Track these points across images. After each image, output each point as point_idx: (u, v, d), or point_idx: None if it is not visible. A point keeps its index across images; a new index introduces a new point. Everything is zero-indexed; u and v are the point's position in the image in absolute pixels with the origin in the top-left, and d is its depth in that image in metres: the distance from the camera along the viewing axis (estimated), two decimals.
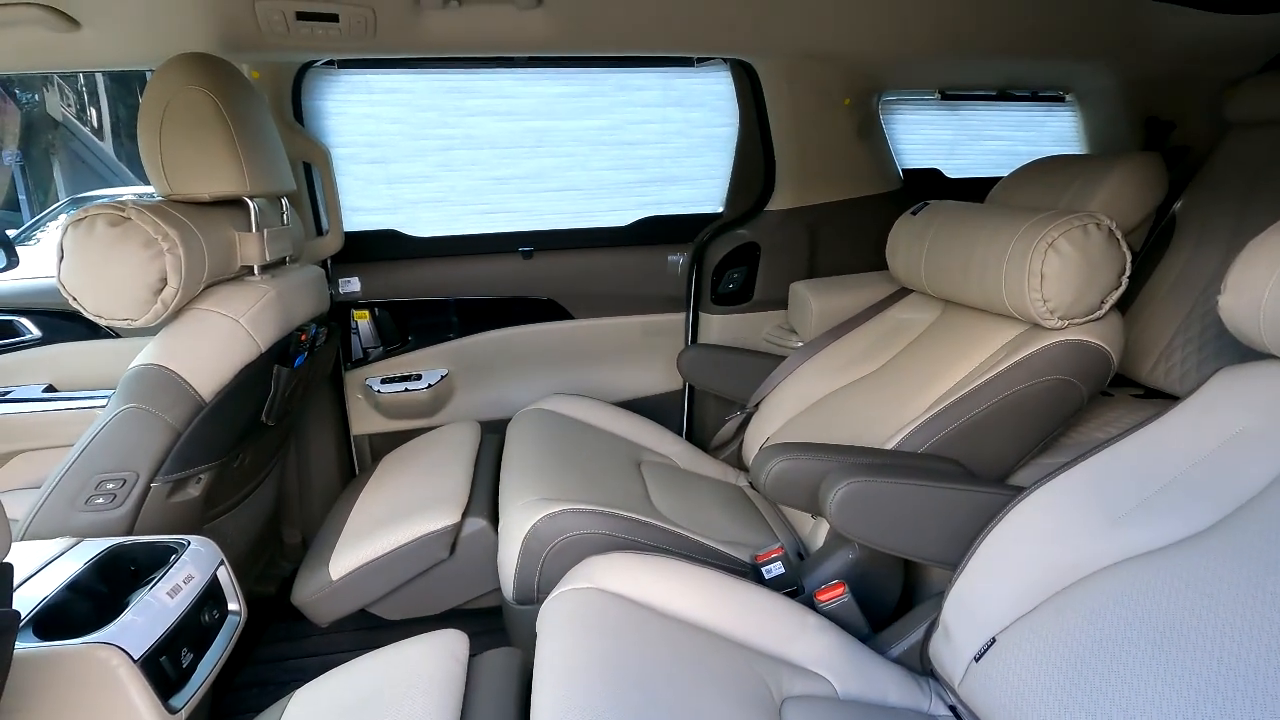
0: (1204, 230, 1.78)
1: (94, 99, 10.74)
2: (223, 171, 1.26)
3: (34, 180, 10.06)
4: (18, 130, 8.72)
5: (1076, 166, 1.45)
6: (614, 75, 1.87)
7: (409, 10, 1.43)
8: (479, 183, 1.92)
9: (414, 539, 1.29)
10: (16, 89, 8.84)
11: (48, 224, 5.76)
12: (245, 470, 1.45)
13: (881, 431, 1.44)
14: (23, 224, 7.57)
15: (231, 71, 1.32)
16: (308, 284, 1.51)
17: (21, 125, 9.38)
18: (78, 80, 9.96)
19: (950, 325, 1.57)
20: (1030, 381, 1.26)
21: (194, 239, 1.20)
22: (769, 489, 1.21)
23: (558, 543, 1.19)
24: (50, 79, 8.28)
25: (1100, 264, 1.24)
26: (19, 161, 9.67)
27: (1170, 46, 1.76)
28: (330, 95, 1.77)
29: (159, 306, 1.17)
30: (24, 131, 9.48)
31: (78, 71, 6.03)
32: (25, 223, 7.52)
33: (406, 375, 1.97)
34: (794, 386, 1.76)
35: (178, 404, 1.19)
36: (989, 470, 1.31)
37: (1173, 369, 1.74)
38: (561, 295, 2.02)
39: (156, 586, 1.03)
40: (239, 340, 1.25)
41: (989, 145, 2.21)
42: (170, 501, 1.25)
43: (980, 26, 1.64)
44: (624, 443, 1.76)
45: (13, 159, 9.41)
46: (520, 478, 1.39)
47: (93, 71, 6.83)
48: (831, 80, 1.88)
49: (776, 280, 2.01)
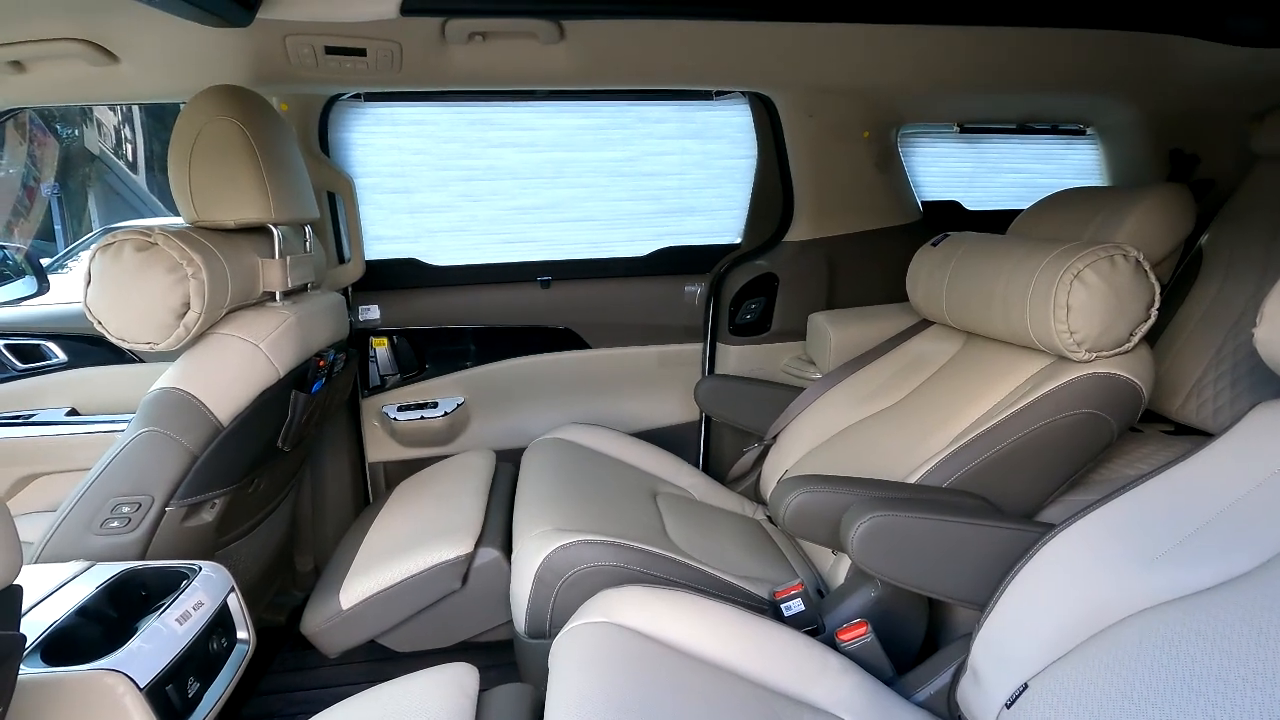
0: (1232, 263, 1.75)
1: (130, 134, 11.13)
2: (248, 199, 1.28)
3: (70, 211, 10.39)
4: (55, 163, 9.04)
5: (1101, 199, 1.44)
6: (634, 108, 1.90)
7: (434, 45, 1.46)
8: (499, 212, 1.95)
9: (426, 569, 1.27)
10: (58, 124, 9.19)
11: (80, 253, 5.93)
12: (260, 496, 1.45)
13: (903, 466, 1.41)
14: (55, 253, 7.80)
15: (261, 103, 1.35)
16: (328, 310, 1.52)
17: (60, 159, 9.73)
18: (116, 114, 10.34)
19: (973, 357, 1.54)
20: (1058, 415, 1.23)
21: (218, 264, 1.22)
22: (789, 523, 1.18)
23: (571, 575, 1.16)
24: (89, 114, 8.60)
25: (1128, 295, 1.22)
26: (55, 193, 10.00)
27: (1191, 80, 1.76)
28: (356, 127, 1.81)
29: (181, 330, 1.18)
30: (61, 164, 9.83)
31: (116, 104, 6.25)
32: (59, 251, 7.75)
33: (423, 403, 1.97)
34: (812, 418, 1.73)
35: (195, 428, 1.19)
36: (1016, 506, 1.27)
37: (1204, 405, 1.69)
38: (579, 325, 2.02)
39: (166, 613, 1.01)
40: (258, 365, 1.26)
41: (1009, 178, 2.21)
42: (184, 526, 1.24)
43: (999, 62, 1.65)
44: (640, 474, 1.74)
45: (50, 191, 9.73)
46: (534, 508, 1.37)
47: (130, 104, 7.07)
48: (850, 113, 1.89)
49: (795, 311, 2.00)
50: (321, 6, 1.24)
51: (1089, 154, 2.20)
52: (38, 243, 10.14)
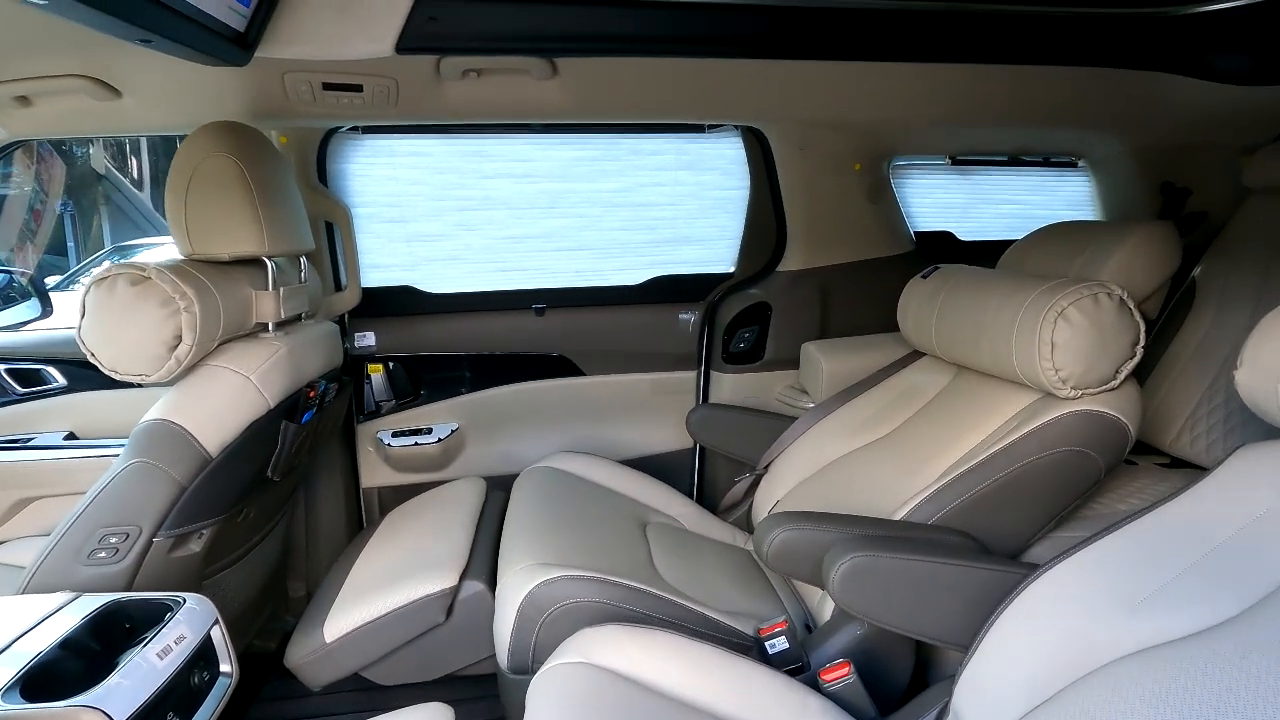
0: (1225, 297, 1.75)
1: (135, 153, 11.35)
2: (243, 233, 1.30)
3: (83, 228, 10.55)
4: (62, 183, 9.19)
5: (1087, 234, 1.45)
6: (627, 140, 1.93)
7: (429, 82, 1.49)
8: (494, 242, 1.97)
9: (410, 602, 1.27)
10: (64, 144, 9.35)
11: (90, 270, 6.00)
12: (249, 525, 1.46)
13: (892, 499, 1.40)
14: (69, 269, 7.90)
15: (258, 139, 1.38)
16: (321, 340, 1.53)
17: (73, 177, 9.90)
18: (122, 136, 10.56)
19: (963, 391, 1.54)
20: (1043, 453, 1.22)
21: (210, 297, 1.24)
22: (771, 560, 1.18)
23: (553, 611, 1.16)
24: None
25: (1112, 334, 1.22)
26: (69, 211, 10.17)
27: (1180, 116, 1.77)
28: (354, 159, 1.84)
29: (172, 363, 1.20)
30: (75, 183, 10.00)
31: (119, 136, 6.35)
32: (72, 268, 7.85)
33: (417, 429, 1.98)
34: (804, 449, 1.73)
35: (184, 459, 1.20)
36: (1002, 544, 1.26)
37: (1198, 439, 1.68)
38: (573, 352, 2.03)
39: (148, 647, 1.02)
40: (248, 396, 1.27)
41: (1002, 208, 2.22)
42: (171, 556, 1.25)
43: (989, 97, 1.67)
44: (630, 503, 1.74)
45: (62, 208, 9.90)
46: (520, 540, 1.37)
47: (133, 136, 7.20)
48: (842, 146, 1.91)
49: (788, 340, 2.01)
50: (318, 46, 1.27)
51: (1082, 185, 2.22)
52: (51, 258, 10.29)
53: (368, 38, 1.28)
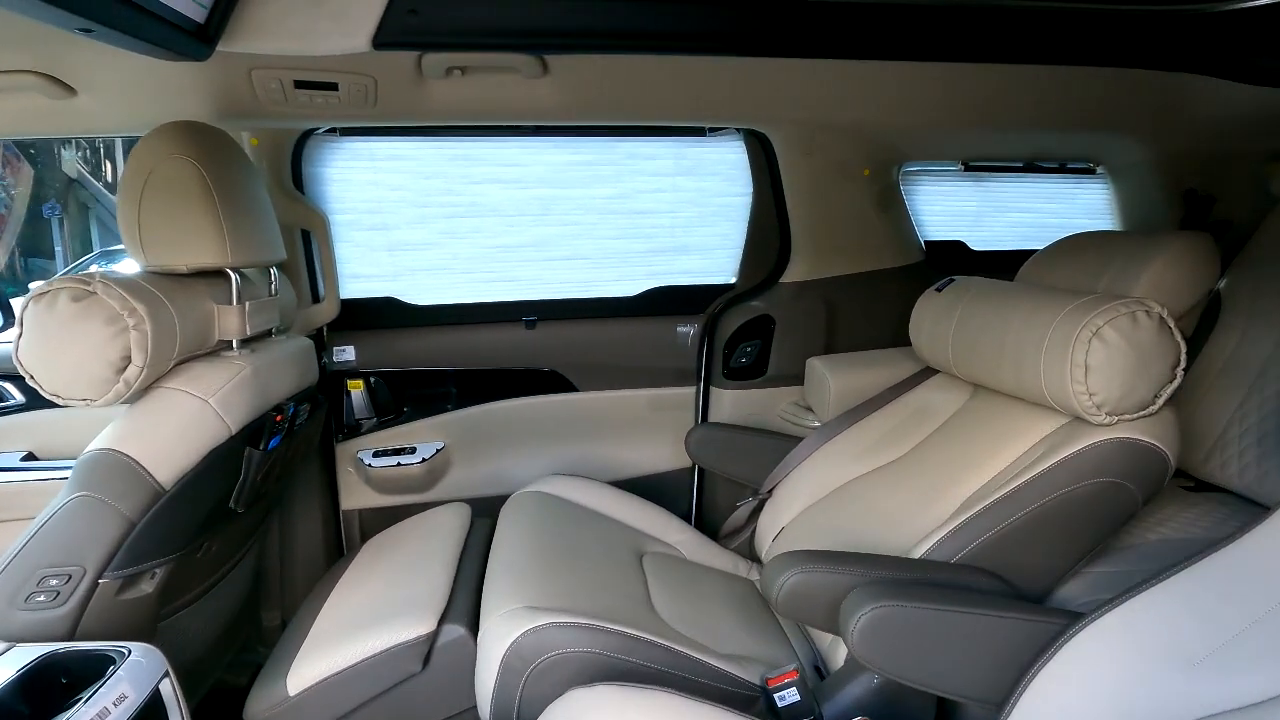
0: (1255, 310, 1.65)
1: (109, 155, 11.21)
2: (203, 243, 1.19)
3: (72, 232, 10.41)
4: (29, 188, 9.03)
5: (1116, 245, 1.35)
6: (623, 144, 1.82)
7: (411, 80, 1.39)
8: (483, 250, 1.86)
9: (384, 650, 1.15)
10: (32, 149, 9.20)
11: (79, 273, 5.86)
12: (211, 560, 1.34)
13: (908, 531, 1.30)
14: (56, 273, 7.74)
15: (221, 140, 1.27)
16: (293, 357, 1.42)
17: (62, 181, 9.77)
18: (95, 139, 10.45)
19: (981, 411, 1.44)
20: (1076, 484, 1.12)
21: (165, 313, 1.12)
22: (782, 606, 1.07)
23: (541, 662, 1.05)
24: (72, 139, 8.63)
25: (1151, 355, 1.12)
26: (57, 215, 10.04)
27: (1207, 120, 1.68)
28: (332, 162, 1.73)
29: (121, 386, 1.09)
30: (64, 187, 9.87)
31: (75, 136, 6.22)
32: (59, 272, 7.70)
33: (400, 448, 1.87)
34: (811, 472, 1.63)
35: (133, 492, 1.09)
36: (1031, 584, 1.16)
37: (1229, 462, 1.58)
38: (565, 367, 1.93)
39: (83, 709, 0.90)
40: (207, 421, 1.16)
41: (1016, 217, 2.12)
42: (120, 599, 1.14)
43: (1006, 98, 1.57)
44: (625, 530, 1.63)
45: (50, 211, 9.76)
46: (505, 578, 1.25)
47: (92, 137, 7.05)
48: (850, 151, 1.82)
49: (792, 355, 1.91)
50: (288, 40, 1.17)
51: (1099, 193, 2.12)
52: (41, 261, 10.13)
53: (342, 32, 1.17)
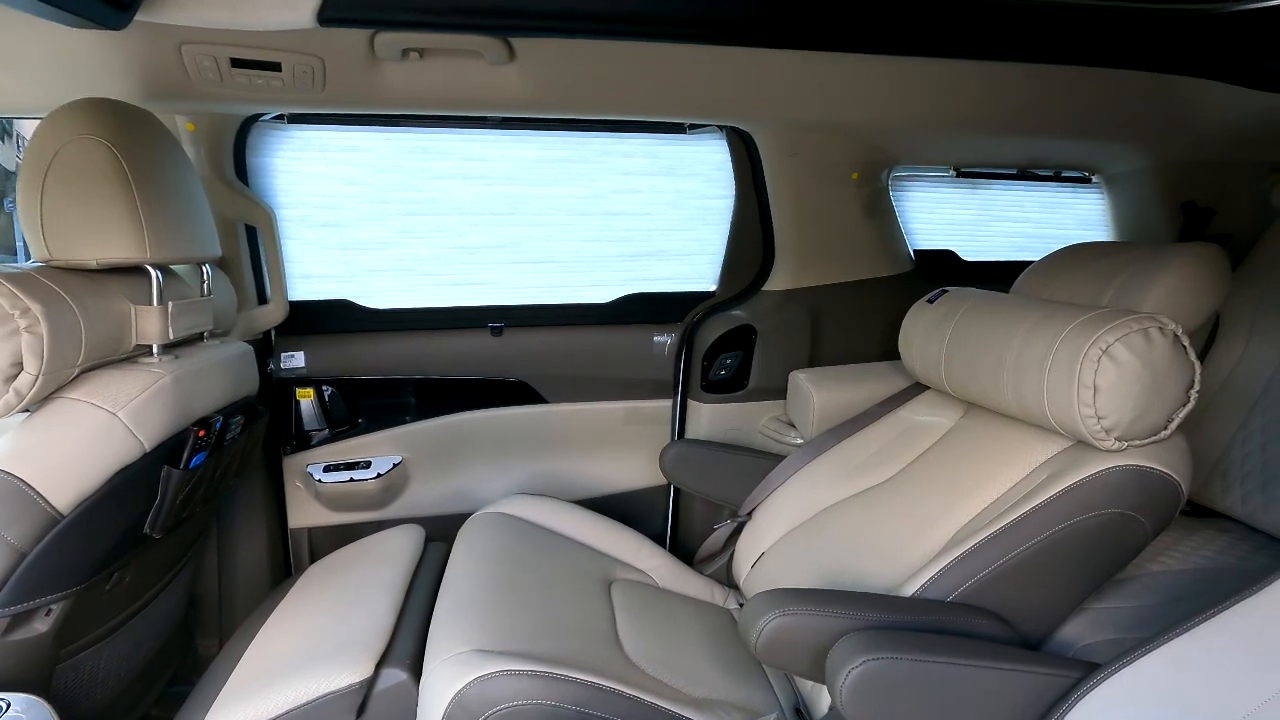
0: (1256, 327, 1.58)
1: None
2: (116, 235, 1.06)
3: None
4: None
5: (1121, 257, 1.26)
6: (597, 140, 1.71)
7: (363, 62, 1.26)
8: (445, 251, 1.73)
9: (313, 699, 1.02)
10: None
11: None
12: (126, 592, 1.20)
13: (899, 562, 1.20)
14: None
15: (143, 120, 1.13)
16: (225, 364, 1.29)
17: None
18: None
19: (975, 432, 1.35)
20: (1084, 515, 1.03)
21: (67, 313, 0.99)
22: (761, 651, 0.96)
23: (489, 717, 0.93)
24: (7, 128, 8.22)
25: (1165, 376, 1.03)
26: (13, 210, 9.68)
27: (1210, 128, 1.61)
28: (279, 152, 1.60)
29: (11, 397, 0.95)
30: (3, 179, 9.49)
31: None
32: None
33: (354, 462, 1.73)
34: (793, 493, 1.52)
35: (22, 518, 0.95)
36: (1034, 623, 1.06)
37: (1230, 488, 1.51)
38: (534, 377, 1.80)
39: None
40: (114, 437, 1.02)
41: (1008, 226, 2.04)
42: (9, 640, 0.99)
43: (1004, 100, 1.49)
44: (593, 556, 1.51)
45: (11, 206, 9.43)
46: (454, 615, 1.13)
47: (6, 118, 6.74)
48: (837, 153, 1.72)
49: (774, 367, 1.80)
50: (221, 11, 1.03)
51: (1095, 203, 2.05)
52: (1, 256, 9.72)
53: (283, 4, 1.04)
